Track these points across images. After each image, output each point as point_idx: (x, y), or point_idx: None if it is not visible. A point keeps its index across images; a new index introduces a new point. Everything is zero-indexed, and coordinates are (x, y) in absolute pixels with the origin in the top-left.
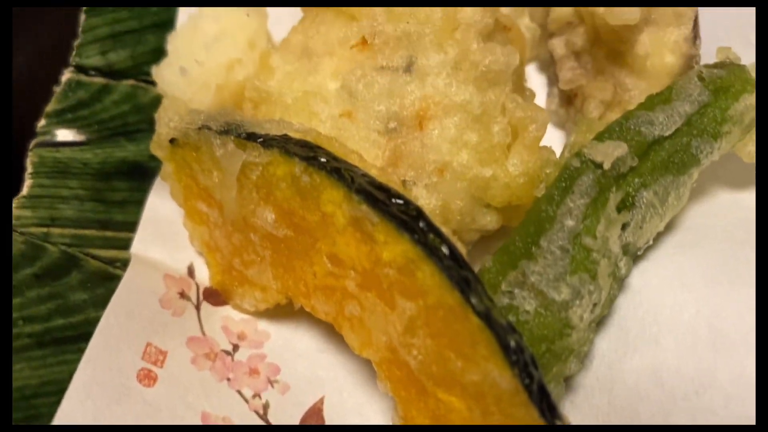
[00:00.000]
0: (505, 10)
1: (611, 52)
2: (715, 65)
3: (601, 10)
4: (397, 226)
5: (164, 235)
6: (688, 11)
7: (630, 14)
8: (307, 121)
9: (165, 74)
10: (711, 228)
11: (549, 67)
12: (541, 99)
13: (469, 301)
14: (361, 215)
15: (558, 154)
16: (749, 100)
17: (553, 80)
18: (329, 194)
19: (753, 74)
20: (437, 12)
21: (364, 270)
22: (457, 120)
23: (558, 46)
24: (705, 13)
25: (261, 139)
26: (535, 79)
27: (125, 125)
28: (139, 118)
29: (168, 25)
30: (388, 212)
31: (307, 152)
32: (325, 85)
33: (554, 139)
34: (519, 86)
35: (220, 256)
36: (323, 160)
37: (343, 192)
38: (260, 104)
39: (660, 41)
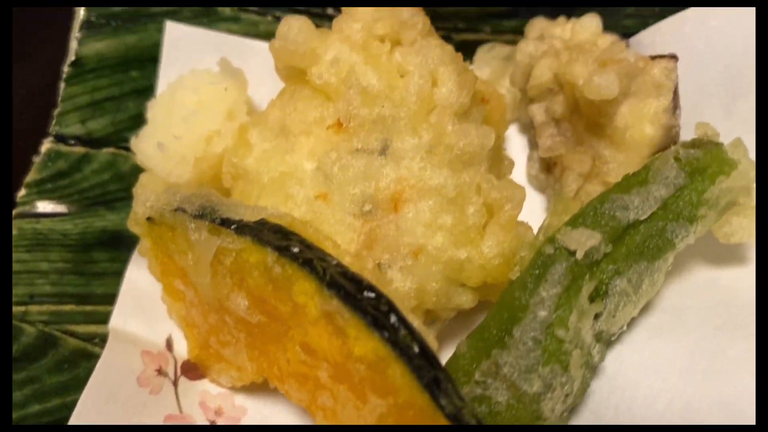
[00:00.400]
0: (485, 76)
1: (590, 123)
2: (693, 143)
3: (580, 82)
4: (368, 323)
5: (143, 306)
6: (668, 82)
7: (608, 90)
8: (282, 203)
9: (143, 147)
10: (686, 311)
11: (530, 129)
12: (521, 161)
13: (438, 402)
14: (332, 309)
15: (539, 218)
16: (726, 182)
17: (534, 143)
18: (301, 286)
19: (730, 153)
20: (412, 96)
21: (336, 363)
22: (431, 203)
23: (538, 112)
24: (685, 82)
25: (235, 226)
26: (516, 141)
27: (105, 194)
28: (120, 186)
29: (148, 91)
30: (359, 308)
31: (281, 240)
32: (301, 165)
33: (535, 203)
34: (497, 156)
35: (197, 332)
36: (296, 250)
37: (315, 285)
38: (238, 179)
39: (639, 113)
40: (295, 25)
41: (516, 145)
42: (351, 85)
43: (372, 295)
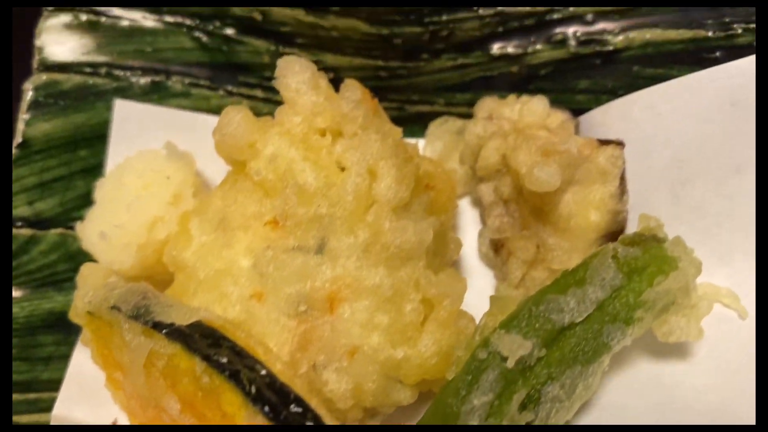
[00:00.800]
0: (437, 150)
1: (535, 209)
2: (633, 239)
3: (523, 170)
4: None
5: (88, 392)
6: (614, 170)
7: (548, 183)
8: (217, 301)
9: (88, 233)
10: (627, 410)
11: (481, 204)
12: (473, 235)
13: None
14: (259, 423)
15: (488, 297)
16: (664, 284)
17: (485, 219)
18: (228, 397)
19: (670, 252)
20: (349, 194)
21: None
22: (367, 303)
23: (486, 192)
24: (634, 166)
25: (166, 330)
26: (469, 216)
27: (53, 275)
28: (69, 266)
29: (97, 170)
30: (284, 425)
31: (210, 347)
32: (237, 262)
33: (485, 280)
34: (443, 240)
35: (139, 422)
36: (224, 360)
37: (241, 398)
38: (177, 272)
39: (585, 200)
40: (234, 119)
41: (468, 219)
42: (288, 183)
43: (298, 409)
